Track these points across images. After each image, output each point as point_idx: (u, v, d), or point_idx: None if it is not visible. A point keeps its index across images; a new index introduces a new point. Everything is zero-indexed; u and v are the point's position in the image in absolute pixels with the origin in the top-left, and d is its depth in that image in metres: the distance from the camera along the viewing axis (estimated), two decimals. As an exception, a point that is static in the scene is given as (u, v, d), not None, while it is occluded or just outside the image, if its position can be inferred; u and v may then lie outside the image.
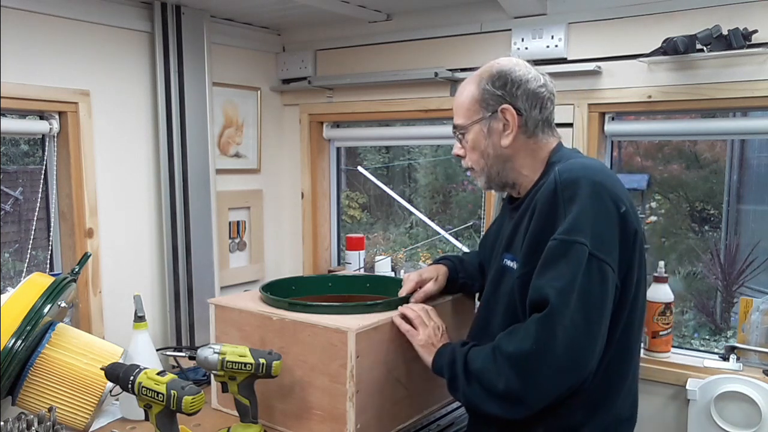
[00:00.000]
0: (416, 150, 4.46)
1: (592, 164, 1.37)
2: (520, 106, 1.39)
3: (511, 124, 1.39)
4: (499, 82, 1.39)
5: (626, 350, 1.37)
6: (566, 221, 1.25)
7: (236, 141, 2.57)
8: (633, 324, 1.36)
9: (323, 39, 2.58)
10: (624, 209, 1.29)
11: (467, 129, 1.43)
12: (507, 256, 1.42)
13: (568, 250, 1.23)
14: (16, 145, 2.46)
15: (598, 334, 1.25)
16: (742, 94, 1.80)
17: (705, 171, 3.67)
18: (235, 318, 1.68)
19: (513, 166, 1.42)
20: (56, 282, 1.57)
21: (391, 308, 1.59)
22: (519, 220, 1.40)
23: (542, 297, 1.24)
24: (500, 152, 1.41)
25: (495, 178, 1.45)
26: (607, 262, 1.25)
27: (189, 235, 2.30)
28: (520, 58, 1.45)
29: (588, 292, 1.23)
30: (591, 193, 1.26)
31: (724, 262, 3.49)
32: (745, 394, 1.80)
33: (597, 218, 1.25)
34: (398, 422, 1.63)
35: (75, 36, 2.02)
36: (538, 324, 1.24)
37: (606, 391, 1.35)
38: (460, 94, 1.46)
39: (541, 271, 1.27)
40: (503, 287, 1.41)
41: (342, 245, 2.82)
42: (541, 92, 1.40)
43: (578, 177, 1.29)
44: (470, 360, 1.36)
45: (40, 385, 1.52)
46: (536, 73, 1.42)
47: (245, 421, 1.55)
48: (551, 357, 1.23)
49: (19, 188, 2.44)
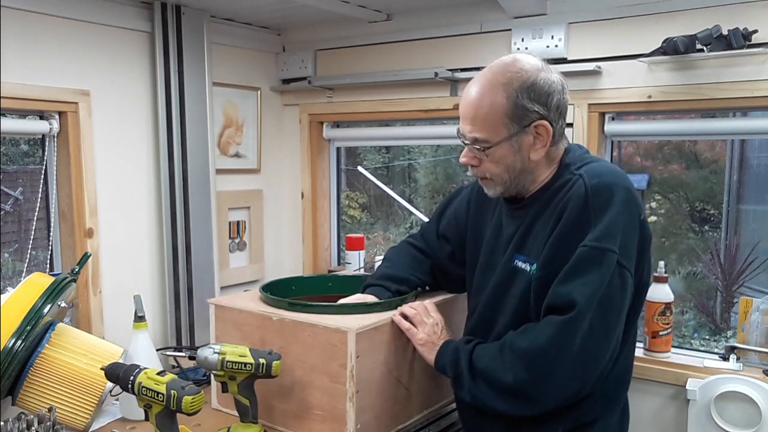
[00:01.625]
0: (416, 150, 4.46)
1: (617, 169, 1.35)
2: (552, 117, 1.31)
3: (545, 139, 1.32)
4: (534, 95, 1.29)
5: (632, 345, 1.42)
6: (598, 228, 1.24)
7: (236, 141, 2.57)
8: (636, 320, 1.40)
9: (323, 39, 2.58)
10: (642, 216, 1.30)
11: (495, 145, 1.32)
12: (519, 257, 1.38)
13: (600, 258, 1.23)
14: (16, 145, 2.46)
15: (613, 338, 1.27)
16: (742, 94, 1.80)
17: (705, 171, 3.67)
18: (235, 318, 1.68)
19: (534, 177, 1.37)
20: (56, 282, 1.57)
21: (391, 308, 1.59)
22: (532, 222, 1.36)
23: (569, 301, 1.23)
24: (527, 165, 1.34)
25: (512, 188, 1.38)
26: (628, 269, 1.26)
27: (189, 235, 2.30)
28: (532, 55, 1.36)
29: (610, 298, 1.24)
30: (623, 200, 1.26)
31: (724, 262, 3.49)
32: (745, 394, 1.80)
33: (626, 226, 1.26)
34: (398, 422, 1.63)
35: (75, 36, 2.02)
36: (560, 325, 1.24)
37: (618, 386, 1.40)
38: (480, 102, 1.32)
39: (568, 277, 1.25)
40: (513, 289, 1.39)
41: (342, 245, 2.82)
42: (566, 99, 1.35)
43: (610, 183, 1.28)
44: (476, 358, 1.36)
45: (40, 385, 1.52)
46: (557, 75, 1.34)
47: (245, 421, 1.55)
48: (566, 356, 1.24)
49: (19, 188, 2.44)
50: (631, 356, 1.44)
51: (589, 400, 1.34)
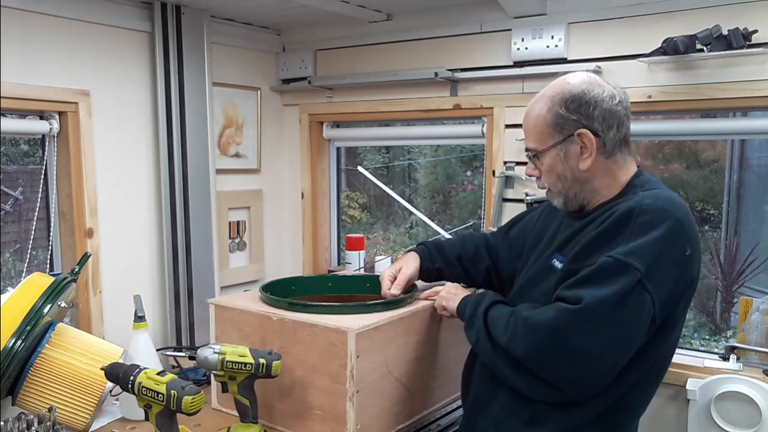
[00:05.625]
0: (416, 150, 4.45)
1: (677, 199, 1.34)
2: (596, 127, 1.33)
3: (590, 148, 1.34)
4: (573, 105, 1.33)
5: (649, 384, 1.38)
6: (631, 244, 1.24)
7: (236, 141, 2.57)
8: (664, 362, 1.38)
9: (323, 39, 2.58)
10: (689, 252, 1.28)
11: (542, 153, 1.39)
12: (557, 256, 1.40)
13: (621, 271, 1.22)
14: (16, 145, 2.46)
15: (613, 353, 1.25)
16: (742, 94, 1.80)
17: (705, 171, 3.67)
18: (235, 318, 1.68)
19: (591, 187, 1.38)
20: (56, 282, 1.57)
21: (391, 308, 1.59)
22: (581, 228, 1.38)
23: (577, 297, 1.24)
24: (578, 175, 1.37)
25: (573, 200, 1.41)
26: (651, 294, 1.23)
27: (189, 235, 2.30)
28: (591, 74, 1.40)
29: (620, 311, 1.23)
30: (670, 228, 1.25)
31: (724, 262, 3.48)
32: (745, 394, 1.80)
33: (663, 253, 1.24)
34: (398, 422, 1.63)
35: (75, 36, 2.02)
36: (562, 312, 1.25)
37: (617, 415, 1.36)
38: (530, 115, 1.41)
39: (583, 280, 1.26)
40: (544, 284, 1.40)
41: (342, 245, 2.82)
42: (618, 110, 1.34)
43: (662, 208, 1.27)
44: (494, 309, 1.42)
45: (40, 385, 1.52)
46: (610, 88, 1.36)
47: (245, 421, 1.55)
48: (559, 343, 1.25)
49: (19, 188, 2.44)
50: (645, 393, 1.39)
51: (586, 416, 1.33)
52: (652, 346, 1.30)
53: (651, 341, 1.29)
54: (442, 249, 1.75)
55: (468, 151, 4.22)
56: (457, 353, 1.61)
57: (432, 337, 1.70)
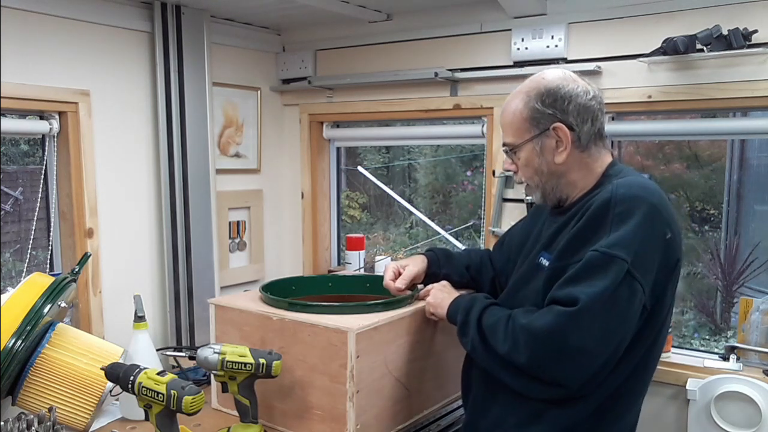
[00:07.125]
0: (416, 150, 4.45)
1: (650, 185, 1.36)
2: (571, 121, 1.36)
3: (565, 142, 1.37)
4: (548, 99, 1.36)
5: (645, 369, 1.39)
6: (612, 236, 1.25)
7: (236, 141, 2.57)
8: (656, 345, 1.38)
9: (323, 39, 2.58)
10: (670, 236, 1.30)
11: (518, 147, 1.42)
12: (544, 254, 1.42)
13: (608, 264, 1.24)
14: (16, 145, 2.46)
15: (612, 344, 1.26)
16: (742, 94, 1.80)
17: (705, 170, 3.67)
18: (235, 318, 1.68)
19: (567, 180, 1.41)
20: (56, 282, 1.57)
21: (391, 308, 1.60)
22: (564, 223, 1.39)
23: (572, 298, 1.24)
24: (554, 169, 1.40)
25: (550, 194, 1.43)
26: (640, 283, 1.25)
27: (189, 235, 2.30)
28: (566, 70, 1.43)
29: (614, 304, 1.24)
30: (645, 214, 1.27)
31: (724, 262, 3.48)
32: (745, 394, 1.80)
33: (644, 240, 1.26)
34: (398, 422, 1.63)
35: (75, 36, 2.02)
36: (559, 316, 1.25)
37: (616, 404, 1.37)
38: (506, 111, 1.43)
39: (574, 278, 1.27)
40: (533, 283, 1.41)
41: (342, 245, 2.82)
42: (592, 105, 1.37)
43: (635, 195, 1.29)
44: (487, 314, 1.41)
45: (40, 385, 1.52)
46: (585, 84, 1.39)
47: (245, 421, 1.55)
48: (558, 346, 1.25)
49: (19, 188, 2.44)
50: (641, 381, 1.40)
51: (582, 408, 1.34)
52: (645, 333, 1.32)
53: (644, 327, 1.31)
54: (450, 257, 1.76)
55: (468, 151, 4.23)
56: (456, 353, 1.61)
57: (432, 337, 1.70)
